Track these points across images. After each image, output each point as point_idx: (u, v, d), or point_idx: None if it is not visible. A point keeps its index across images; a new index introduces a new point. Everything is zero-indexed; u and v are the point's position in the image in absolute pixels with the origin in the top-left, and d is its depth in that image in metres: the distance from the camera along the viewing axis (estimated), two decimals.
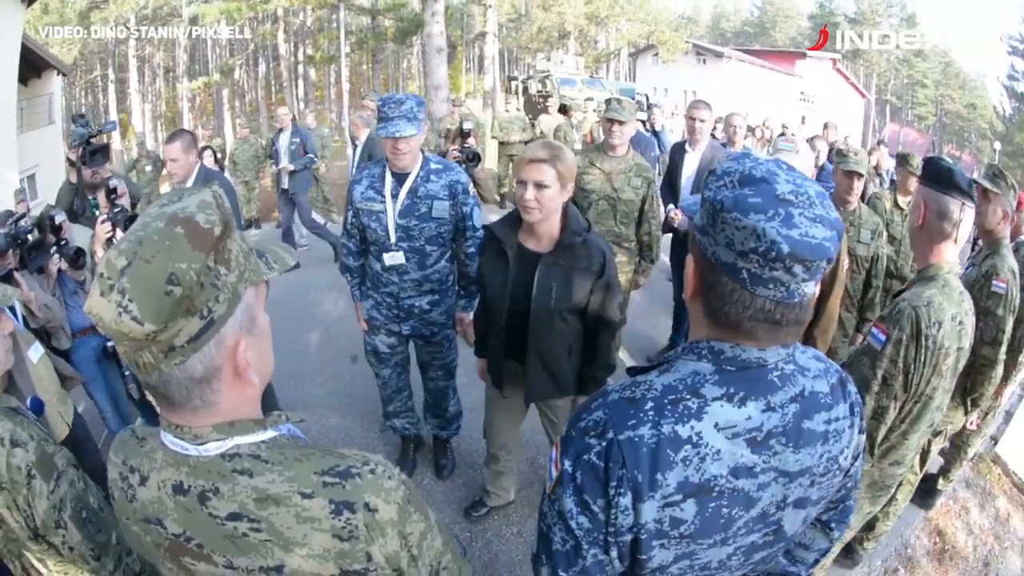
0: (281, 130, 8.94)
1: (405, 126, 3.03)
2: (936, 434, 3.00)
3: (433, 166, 3.31)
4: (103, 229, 3.44)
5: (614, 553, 1.14)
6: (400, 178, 3.26)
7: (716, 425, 1.09)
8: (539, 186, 2.59)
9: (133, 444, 1.16)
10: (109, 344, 3.57)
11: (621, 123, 4.51)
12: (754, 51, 35.21)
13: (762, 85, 29.95)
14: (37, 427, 2.01)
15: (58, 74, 17.28)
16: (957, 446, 3.84)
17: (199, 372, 0.99)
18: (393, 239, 3.31)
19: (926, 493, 3.92)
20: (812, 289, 1.07)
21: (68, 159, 4.11)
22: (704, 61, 31.44)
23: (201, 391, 1.02)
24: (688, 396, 1.10)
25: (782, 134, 9.84)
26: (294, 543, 1.03)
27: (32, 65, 16.04)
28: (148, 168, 11.11)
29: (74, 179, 4.13)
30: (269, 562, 1.05)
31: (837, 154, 4.19)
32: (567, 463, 1.15)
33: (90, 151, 3.60)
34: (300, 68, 31.58)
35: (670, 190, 5.40)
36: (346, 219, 3.46)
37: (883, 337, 2.31)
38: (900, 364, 2.28)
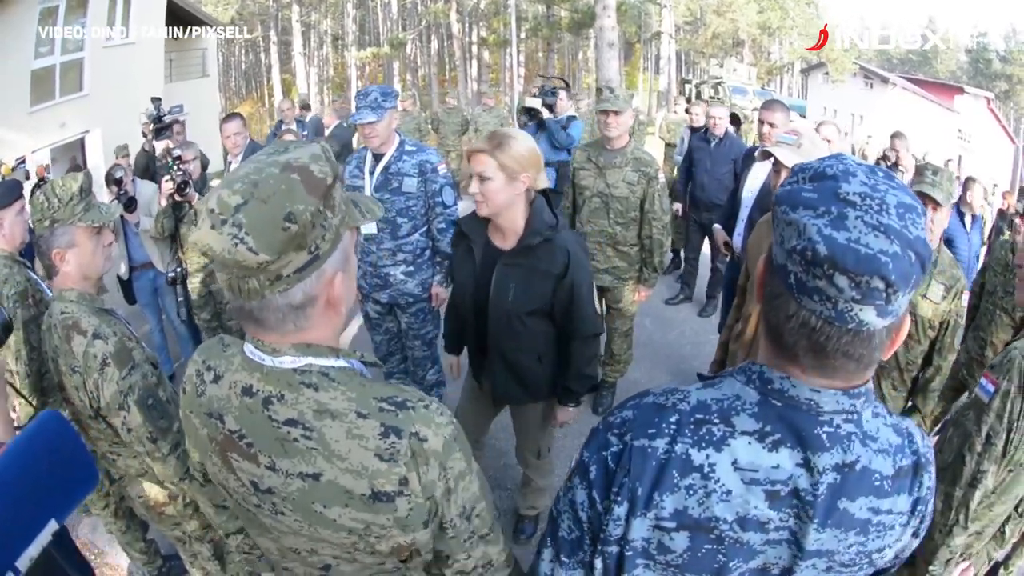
0: (282, 123, 9.05)
1: (368, 114, 3.97)
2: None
3: (408, 148, 4.20)
4: (167, 186, 4.78)
5: (599, 565, 1.21)
6: (378, 158, 4.19)
7: (735, 463, 1.09)
8: (481, 178, 2.73)
9: (217, 348, 1.46)
10: (169, 275, 5.10)
11: (616, 113, 4.58)
12: (917, 80, 33.97)
13: (923, 117, 28.97)
14: (124, 326, 2.62)
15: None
16: None
17: (298, 300, 1.26)
18: None
19: None
20: (874, 318, 0.99)
21: (143, 131, 5.71)
22: (871, 85, 30.72)
23: (296, 317, 1.28)
24: (716, 421, 1.11)
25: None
26: (337, 456, 1.27)
27: (183, 20, 18.09)
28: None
29: (147, 147, 5.80)
30: (308, 469, 1.28)
31: (915, 171, 3.70)
32: (587, 454, 1.23)
33: (157, 128, 5.14)
34: (474, 49, 33.39)
35: (731, 204, 5.42)
36: None
37: (992, 388, 2.24)
38: (1005, 420, 2.22)
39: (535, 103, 7.59)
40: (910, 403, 3.66)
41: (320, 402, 1.29)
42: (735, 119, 13.77)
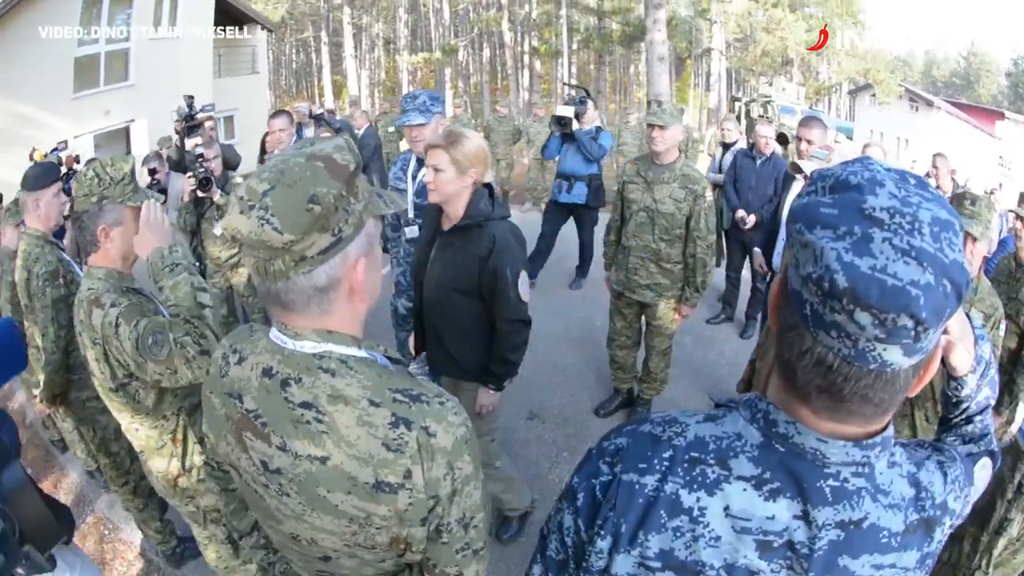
0: (301, 125, 8.76)
1: (416, 116, 4.07)
2: None
3: None
4: (189, 183, 5.03)
5: None
6: (421, 162, 4.15)
7: (727, 509, 1.03)
8: (435, 169, 3.10)
9: (245, 333, 1.54)
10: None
11: (662, 127, 4.53)
12: (960, 104, 33.52)
13: (966, 143, 28.56)
14: (145, 298, 2.74)
15: (262, 29, 19.79)
16: None
17: (322, 281, 1.33)
18: (411, 215, 4.37)
19: None
20: (899, 358, 0.89)
21: (175, 128, 5.93)
22: (916, 108, 30.49)
23: (320, 300, 1.35)
24: (712, 462, 1.05)
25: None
26: (345, 441, 1.32)
27: (232, 17, 18.59)
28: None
29: (178, 144, 6.03)
30: (317, 452, 1.33)
31: (953, 199, 3.42)
32: (576, 480, 1.19)
33: (188, 126, 5.38)
34: (526, 58, 33.64)
35: (771, 222, 5.39)
36: None
37: None
38: None
39: (567, 112, 7.39)
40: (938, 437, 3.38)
41: (335, 387, 1.35)
42: (782, 139, 13.76)
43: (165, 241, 2.62)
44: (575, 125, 7.39)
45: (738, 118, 20.30)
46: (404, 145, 10.15)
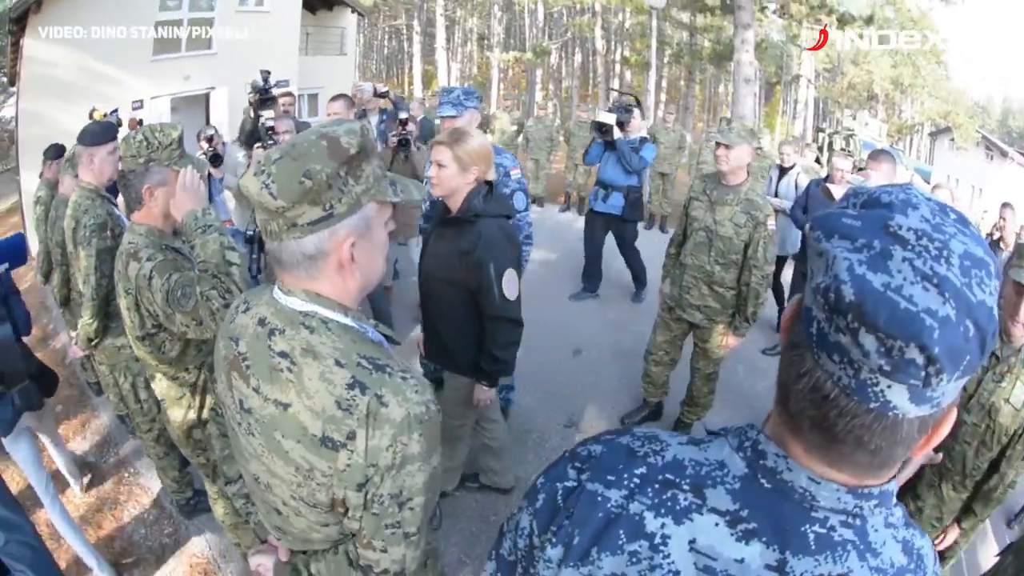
0: (366, 111, 8.33)
1: (448, 109, 4.34)
2: None
3: None
4: (258, 153, 5.27)
5: None
6: None
7: (692, 543, 0.93)
8: (439, 165, 3.24)
9: (259, 289, 1.66)
10: (248, 232, 5.57)
11: (727, 147, 4.39)
12: None
13: None
14: (183, 256, 2.95)
15: (352, 12, 20.02)
16: None
17: (310, 249, 1.45)
18: (425, 207, 4.57)
19: None
20: (904, 402, 0.80)
21: (249, 100, 6.18)
22: (991, 157, 29.64)
23: (308, 266, 1.48)
24: (686, 488, 0.97)
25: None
26: (306, 392, 1.42)
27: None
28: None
29: (252, 115, 6.29)
30: (282, 398, 1.45)
31: (1015, 250, 2.87)
32: (542, 480, 1.13)
33: (260, 100, 5.65)
34: (617, 67, 33.63)
35: None
36: None
37: None
38: None
39: (609, 118, 7.10)
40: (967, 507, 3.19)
41: (310, 342, 1.45)
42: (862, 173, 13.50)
43: (199, 204, 2.80)
44: (617, 133, 7.17)
45: (821, 148, 20.19)
46: (488, 139, 10.19)
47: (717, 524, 0.92)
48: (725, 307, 4.67)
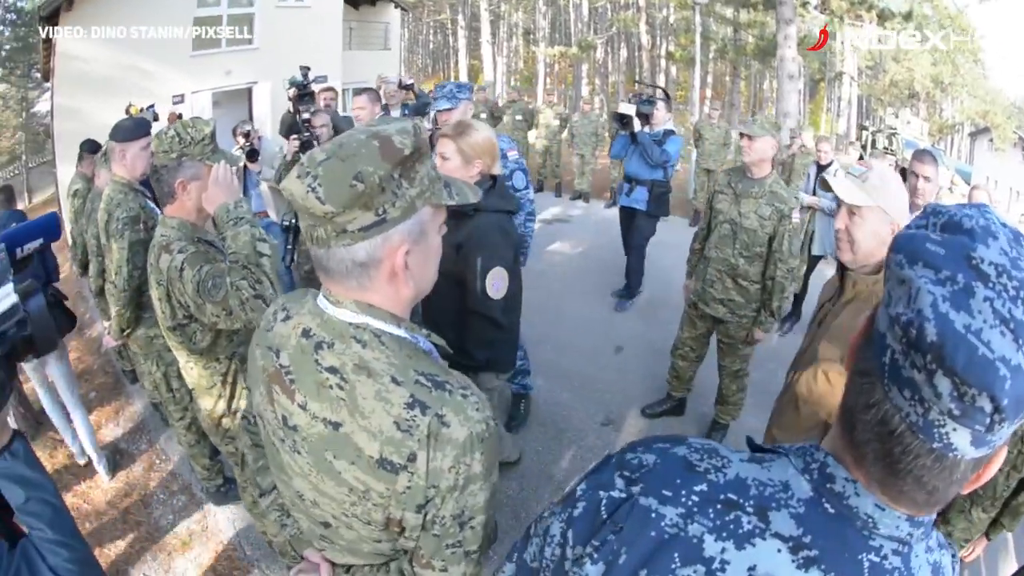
0: (388, 107, 8.15)
1: (443, 103, 4.56)
2: None
3: None
4: (293, 144, 5.46)
5: None
6: None
7: (751, 569, 0.89)
8: (442, 157, 3.25)
9: (297, 296, 1.59)
10: (284, 223, 5.68)
11: (750, 138, 4.43)
12: None
13: None
14: (216, 249, 3.02)
15: (396, 7, 20.06)
16: None
17: (361, 257, 1.35)
18: None
19: None
20: (966, 446, 0.79)
21: (288, 95, 6.29)
22: None
23: (359, 274, 1.38)
24: (750, 510, 0.93)
25: None
26: (360, 412, 1.34)
27: None
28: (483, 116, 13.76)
29: (291, 110, 6.41)
30: (332, 416, 1.37)
31: None
32: (583, 487, 1.08)
33: (299, 95, 5.75)
34: (662, 63, 33.50)
35: None
36: None
37: None
38: None
39: (628, 110, 6.96)
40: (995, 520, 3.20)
41: (363, 358, 1.37)
42: (903, 173, 13.30)
43: (232, 198, 2.85)
44: (638, 125, 7.02)
45: (864, 147, 19.96)
46: (532, 134, 10.27)
47: (779, 550, 0.90)
48: (749, 301, 4.65)
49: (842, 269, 2.67)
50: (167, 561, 3.89)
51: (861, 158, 12.33)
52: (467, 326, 3.37)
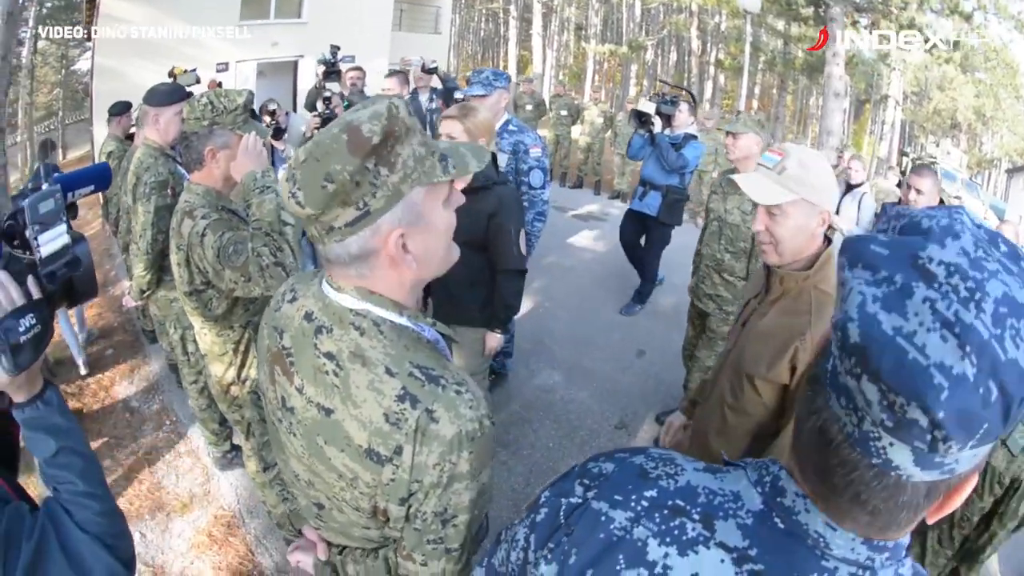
0: (417, 90, 7.85)
1: (478, 88, 4.60)
2: None
3: (510, 128, 4.78)
4: (313, 121, 5.54)
5: None
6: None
7: None
8: (449, 137, 3.35)
9: (307, 277, 1.58)
10: None
11: (734, 136, 4.57)
12: None
13: None
14: (239, 218, 3.05)
15: None
16: None
17: (355, 250, 1.34)
18: None
19: None
20: (908, 465, 0.73)
21: (317, 72, 6.40)
22: None
23: (358, 265, 1.36)
24: (697, 517, 0.92)
25: None
26: (351, 401, 1.33)
27: None
28: (563, 113, 13.95)
29: (318, 86, 6.46)
30: (326, 402, 1.37)
31: None
32: (547, 494, 1.09)
33: (326, 72, 5.85)
34: (711, 70, 33.31)
35: None
36: None
37: None
38: None
39: (648, 108, 6.63)
40: (953, 564, 2.97)
41: (359, 346, 1.35)
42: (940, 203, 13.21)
43: (260, 167, 2.90)
44: (658, 127, 6.70)
45: (904, 172, 19.80)
46: (576, 130, 10.22)
47: (723, 560, 0.88)
48: (736, 297, 4.67)
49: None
50: (165, 521, 3.94)
51: (899, 184, 12.19)
52: (501, 285, 3.68)
